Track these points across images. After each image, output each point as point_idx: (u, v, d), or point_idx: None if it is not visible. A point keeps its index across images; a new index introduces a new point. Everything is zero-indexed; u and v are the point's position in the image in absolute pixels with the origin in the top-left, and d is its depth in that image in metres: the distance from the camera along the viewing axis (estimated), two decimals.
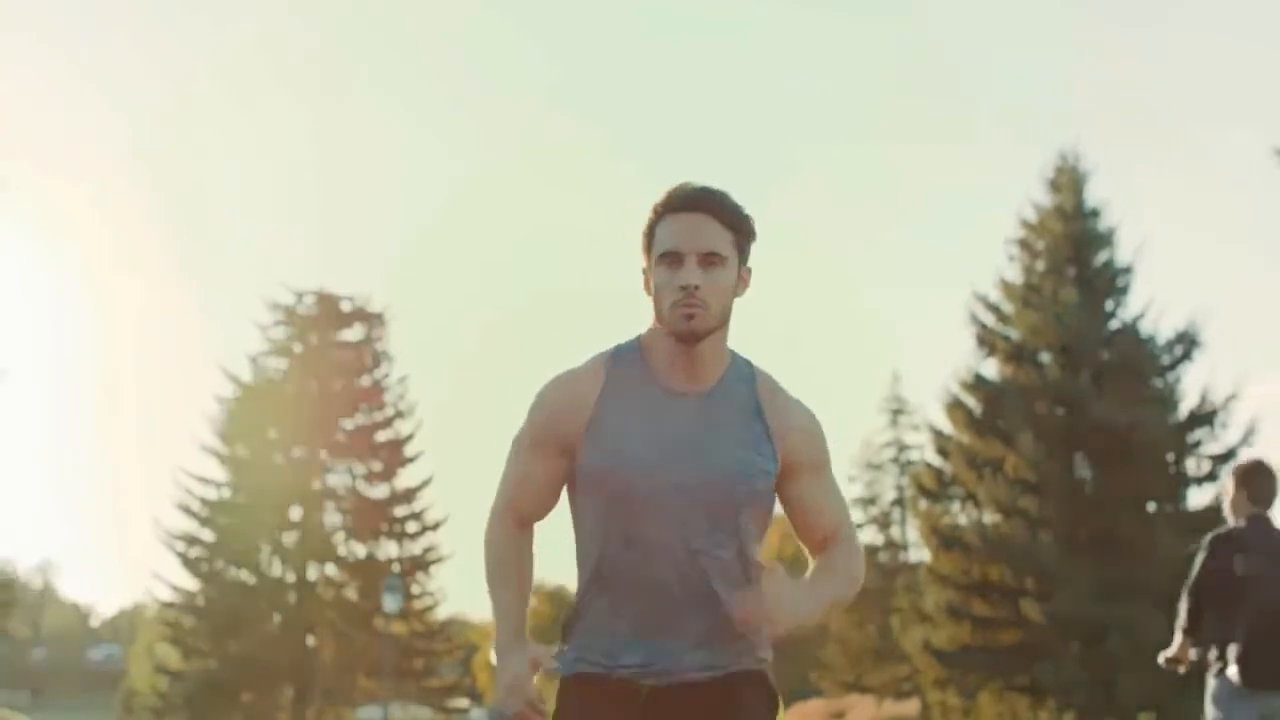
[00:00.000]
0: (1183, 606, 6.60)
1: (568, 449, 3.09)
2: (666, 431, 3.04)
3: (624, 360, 3.12)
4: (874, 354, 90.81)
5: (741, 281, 3.09)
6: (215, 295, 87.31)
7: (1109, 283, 29.93)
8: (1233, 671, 6.40)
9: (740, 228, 3.06)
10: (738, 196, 3.12)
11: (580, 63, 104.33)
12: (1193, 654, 6.58)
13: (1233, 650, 6.41)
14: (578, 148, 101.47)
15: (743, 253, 3.08)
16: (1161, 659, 6.78)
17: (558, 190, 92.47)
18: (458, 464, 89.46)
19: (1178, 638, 6.65)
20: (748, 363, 3.16)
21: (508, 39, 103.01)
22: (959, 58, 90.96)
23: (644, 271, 3.11)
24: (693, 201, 3.04)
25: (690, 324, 3.00)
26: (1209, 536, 6.62)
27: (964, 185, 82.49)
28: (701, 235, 3.01)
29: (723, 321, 3.06)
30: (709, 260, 3.01)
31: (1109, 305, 30.01)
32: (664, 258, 3.03)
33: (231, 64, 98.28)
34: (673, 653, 3.04)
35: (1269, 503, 6.63)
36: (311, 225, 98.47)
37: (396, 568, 36.65)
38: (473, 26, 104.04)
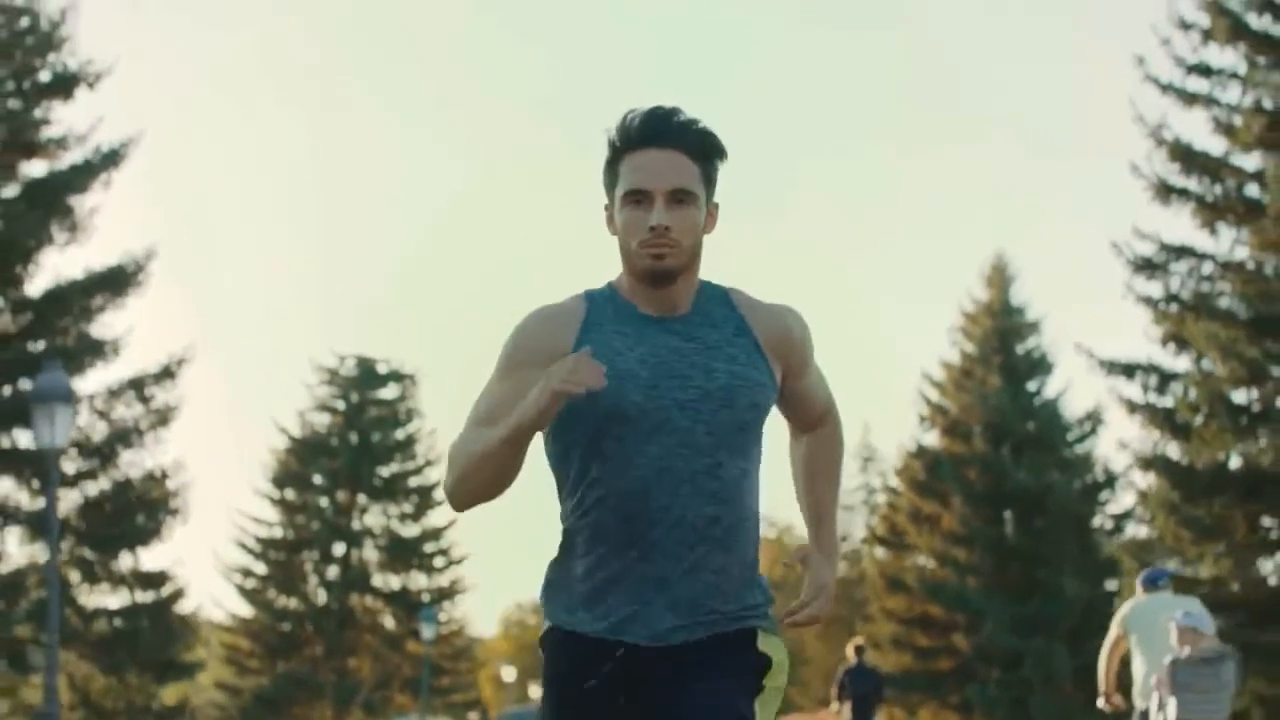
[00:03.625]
0: (834, 695, 16.53)
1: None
2: (659, 351, 2.95)
3: (599, 296, 3.03)
4: (875, 361, 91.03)
5: (710, 218, 3.00)
6: (213, 299, 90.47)
7: (1032, 367, 36.94)
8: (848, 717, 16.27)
9: (709, 159, 2.97)
10: (705, 119, 2.99)
11: (580, 76, 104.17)
12: (843, 711, 16.52)
13: (848, 708, 16.22)
14: (578, 162, 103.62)
15: (710, 185, 2.98)
16: (832, 711, 16.96)
17: (559, 206, 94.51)
18: (479, 507, 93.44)
19: (834, 704, 16.56)
20: (715, 284, 3.09)
21: (508, 51, 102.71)
22: (959, 68, 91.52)
23: (606, 209, 3.01)
24: (658, 135, 2.92)
25: (661, 264, 2.91)
26: (843, 670, 16.58)
27: (964, 195, 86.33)
28: (669, 172, 2.91)
29: (693, 259, 2.97)
30: (677, 198, 2.91)
31: (1032, 386, 36.99)
32: (629, 196, 2.92)
33: (229, 74, 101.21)
34: (660, 603, 2.92)
35: (861, 657, 16.61)
36: (311, 234, 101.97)
37: (426, 598, 42.88)
38: (473, 38, 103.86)
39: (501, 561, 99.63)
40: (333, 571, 42.87)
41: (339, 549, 42.93)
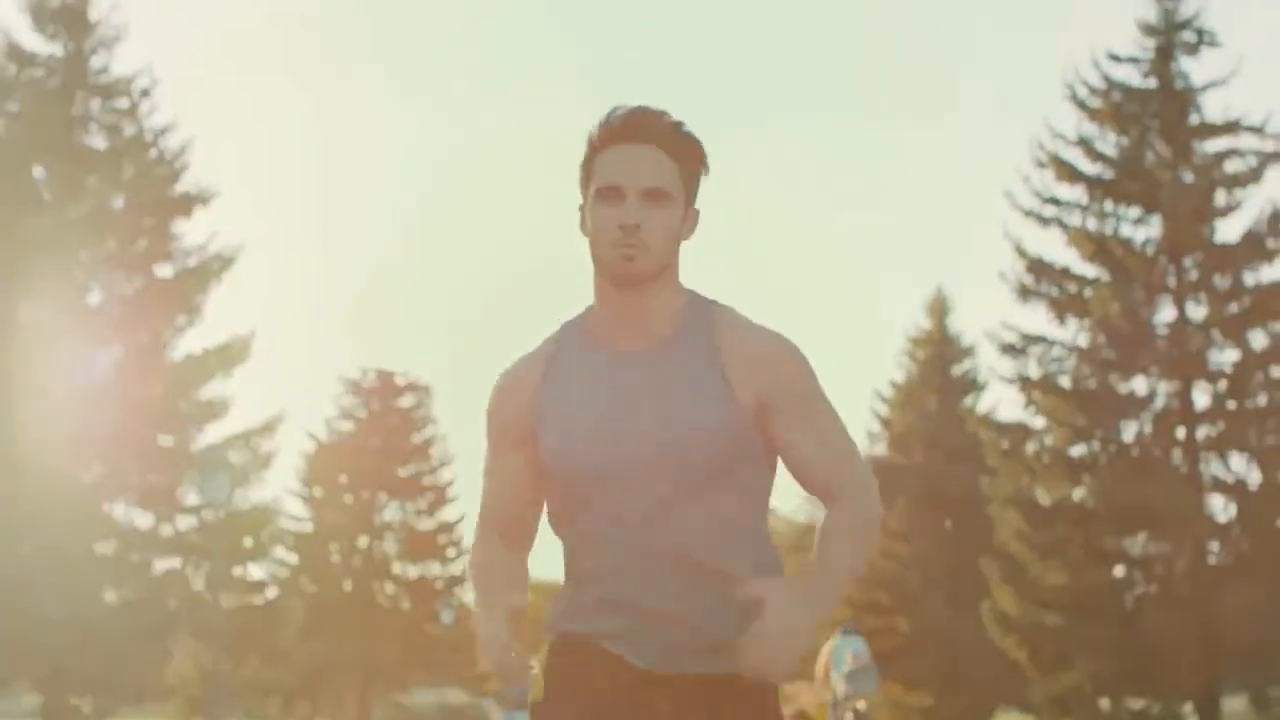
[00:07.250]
0: None
1: (524, 442, 3.03)
2: (614, 400, 2.93)
3: (569, 333, 3.03)
4: (856, 331, 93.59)
5: (688, 223, 2.95)
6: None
7: (967, 386, 44.68)
8: None
9: (690, 159, 2.92)
10: (689, 122, 2.92)
11: (572, 43, 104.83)
12: None
13: None
14: (568, 128, 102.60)
15: (691, 189, 2.94)
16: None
17: (562, 177, 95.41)
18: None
19: None
20: (709, 305, 3.00)
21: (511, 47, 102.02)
22: (940, 31, 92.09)
23: (580, 209, 2.97)
24: (637, 130, 2.89)
25: (629, 266, 2.87)
26: None
27: (944, 161, 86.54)
28: (645, 168, 2.87)
29: (666, 266, 2.92)
30: (652, 197, 2.87)
31: (968, 401, 44.69)
32: (602, 193, 2.89)
33: (234, 44, 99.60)
34: (665, 640, 2.91)
35: None
36: (312, 221, 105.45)
37: (441, 585, 49.43)
38: (472, 20, 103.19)
39: None
40: (357, 562, 48.86)
41: (363, 541, 48.81)
